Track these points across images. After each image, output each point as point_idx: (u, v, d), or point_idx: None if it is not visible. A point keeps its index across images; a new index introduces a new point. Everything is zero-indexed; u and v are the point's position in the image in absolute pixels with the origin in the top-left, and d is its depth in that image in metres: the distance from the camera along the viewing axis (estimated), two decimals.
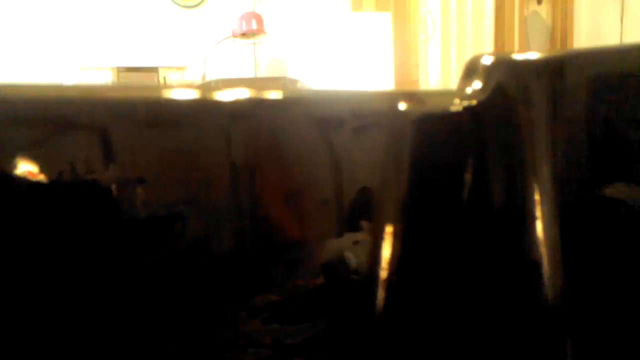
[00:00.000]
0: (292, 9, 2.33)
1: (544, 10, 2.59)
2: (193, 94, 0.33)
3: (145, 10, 2.25)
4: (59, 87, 0.31)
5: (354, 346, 0.38)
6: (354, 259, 0.37)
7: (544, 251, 0.38)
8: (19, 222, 0.29)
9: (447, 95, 0.39)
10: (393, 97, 0.37)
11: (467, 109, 0.38)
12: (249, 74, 2.35)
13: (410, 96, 0.37)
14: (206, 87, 0.34)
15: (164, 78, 2.00)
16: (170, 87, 0.32)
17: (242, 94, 0.34)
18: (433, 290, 0.40)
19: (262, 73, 2.37)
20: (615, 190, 0.41)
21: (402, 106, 0.37)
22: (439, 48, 2.24)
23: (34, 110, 0.29)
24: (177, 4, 2.29)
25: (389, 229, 0.38)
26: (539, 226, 0.38)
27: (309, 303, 0.36)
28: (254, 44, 2.34)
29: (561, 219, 0.39)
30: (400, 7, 2.38)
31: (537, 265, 0.38)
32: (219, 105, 0.33)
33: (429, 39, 2.26)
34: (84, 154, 0.30)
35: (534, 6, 2.56)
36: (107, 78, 1.92)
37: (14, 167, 0.28)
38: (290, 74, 2.16)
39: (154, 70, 2.00)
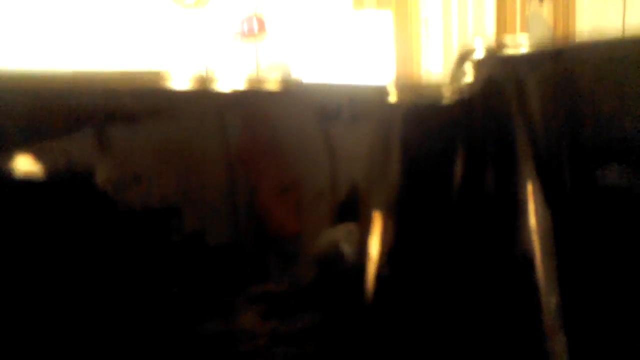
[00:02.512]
0: (294, 7, 2.33)
1: (545, 10, 2.58)
2: (188, 84, 0.33)
3: (147, 12, 2.26)
4: (51, 75, 0.31)
5: (349, 336, 0.38)
6: (348, 249, 0.37)
7: (536, 243, 0.38)
8: (13, 215, 0.29)
9: (439, 86, 0.40)
10: (384, 89, 0.38)
11: (459, 101, 0.39)
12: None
13: (401, 88, 0.38)
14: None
15: None
16: (166, 76, 0.32)
17: (236, 84, 0.34)
18: (426, 282, 0.40)
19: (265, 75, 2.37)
20: (610, 180, 0.41)
21: (393, 98, 0.37)
22: (440, 46, 2.24)
23: (24, 100, 0.29)
24: (179, 5, 2.29)
25: (381, 221, 0.38)
26: (532, 218, 0.38)
27: (304, 293, 0.37)
28: (256, 45, 2.34)
29: (554, 211, 0.39)
30: (402, 5, 2.38)
31: (529, 256, 0.39)
32: (213, 95, 0.34)
33: (430, 37, 2.26)
34: (74, 146, 0.30)
35: (535, 6, 2.55)
36: None
37: (5, 158, 0.28)
38: (293, 75, 2.16)
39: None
